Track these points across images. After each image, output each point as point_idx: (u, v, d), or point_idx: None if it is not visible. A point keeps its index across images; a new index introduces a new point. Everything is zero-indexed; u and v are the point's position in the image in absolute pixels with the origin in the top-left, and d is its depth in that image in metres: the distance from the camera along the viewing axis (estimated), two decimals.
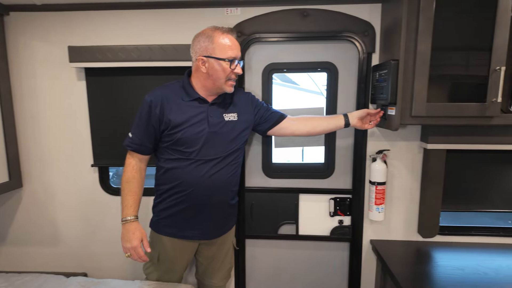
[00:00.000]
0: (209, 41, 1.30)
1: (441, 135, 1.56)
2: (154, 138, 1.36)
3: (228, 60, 1.30)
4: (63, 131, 1.78)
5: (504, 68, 1.27)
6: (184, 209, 1.40)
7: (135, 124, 1.37)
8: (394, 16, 1.42)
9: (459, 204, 1.69)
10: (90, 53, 1.62)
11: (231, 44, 1.32)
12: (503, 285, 1.31)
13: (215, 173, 1.38)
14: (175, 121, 1.32)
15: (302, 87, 6.16)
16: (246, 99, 1.51)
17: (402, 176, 1.69)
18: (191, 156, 1.35)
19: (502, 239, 1.69)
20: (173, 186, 1.39)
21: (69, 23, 1.67)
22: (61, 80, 1.73)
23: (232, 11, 1.63)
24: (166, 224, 1.44)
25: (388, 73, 1.39)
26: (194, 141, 1.34)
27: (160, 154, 1.41)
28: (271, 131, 1.54)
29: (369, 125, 1.50)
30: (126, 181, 1.37)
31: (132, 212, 1.36)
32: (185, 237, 1.45)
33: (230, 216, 1.54)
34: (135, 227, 1.35)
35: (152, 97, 1.33)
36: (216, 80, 1.33)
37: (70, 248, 1.89)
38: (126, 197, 1.37)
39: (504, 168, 1.65)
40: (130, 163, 1.39)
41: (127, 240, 1.35)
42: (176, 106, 1.34)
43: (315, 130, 1.53)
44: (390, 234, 1.75)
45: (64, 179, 1.82)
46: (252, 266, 1.86)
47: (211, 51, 1.30)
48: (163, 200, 1.43)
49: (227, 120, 1.41)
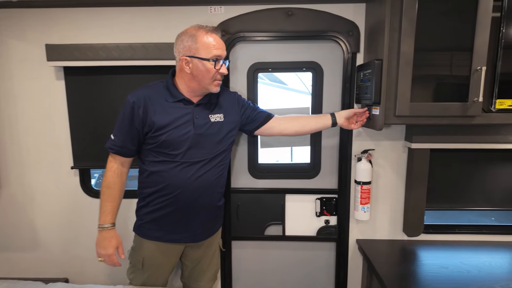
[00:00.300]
0: (193, 41, 1.26)
1: (425, 134, 1.57)
2: (137, 140, 1.33)
3: (212, 60, 1.27)
4: (42, 132, 1.72)
5: (485, 68, 1.28)
6: (170, 212, 1.37)
7: (117, 125, 1.32)
8: (377, 16, 1.42)
9: (442, 202, 1.71)
10: (69, 51, 1.57)
11: (216, 44, 1.28)
12: (485, 283, 1.33)
13: (202, 175, 1.35)
14: (159, 123, 1.28)
15: (290, 86, 6.18)
16: (233, 99, 1.48)
17: (387, 175, 1.70)
18: (177, 159, 1.32)
19: (484, 236, 1.71)
20: (158, 189, 1.35)
21: (47, 21, 1.61)
22: (39, 80, 1.67)
23: (216, 9, 1.61)
24: (150, 228, 1.40)
25: (372, 73, 1.38)
26: (180, 144, 1.31)
27: (143, 157, 1.37)
28: (258, 131, 1.52)
29: (355, 125, 1.50)
30: (107, 187, 1.33)
31: (110, 219, 1.33)
32: (171, 241, 1.42)
33: (217, 218, 1.52)
34: (111, 235, 1.33)
35: (135, 98, 1.29)
36: (201, 80, 1.29)
37: (51, 253, 1.83)
38: (105, 203, 1.33)
39: (486, 167, 1.68)
40: (111, 167, 1.35)
41: (102, 247, 1.33)
42: (160, 107, 1.30)
43: (303, 129, 1.52)
44: (375, 233, 1.76)
45: (44, 181, 1.76)
46: (238, 268, 1.84)
47: (195, 51, 1.26)
48: (148, 203, 1.39)
49: (213, 121, 1.38)
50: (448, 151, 1.63)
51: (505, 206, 1.69)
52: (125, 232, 1.48)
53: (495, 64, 1.34)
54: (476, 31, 1.29)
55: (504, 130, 1.56)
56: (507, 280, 1.34)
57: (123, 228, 1.51)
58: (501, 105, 1.36)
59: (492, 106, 1.37)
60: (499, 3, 1.30)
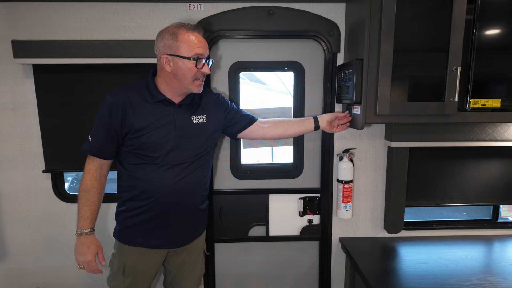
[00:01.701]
0: (173, 39, 1.22)
1: (404, 133, 1.60)
2: (116, 142, 1.27)
3: (194, 59, 1.23)
4: (8, 134, 1.61)
5: (460, 68, 1.32)
6: (151, 217, 1.32)
7: (95, 126, 1.27)
8: (357, 17, 1.43)
9: (421, 199, 1.75)
10: (38, 48, 1.47)
11: (197, 42, 1.24)
12: (463, 276, 1.38)
13: (183, 178, 1.31)
14: (138, 125, 1.24)
15: (270, 86, 6.19)
16: (216, 100, 1.45)
17: (367, 174, 1.73)
18: (157, 161, 1.27)
19: (460, 231, 1.78)
20: (138, 193, 1.30)
21: (12, 15, 1.51)
22: (5, 78, 1.56)
23: (195, 6, 1.57)
24: (132, 233, 1.35)
25: (353, 73, 1.40)
26: (160, 146, 1.26)
27: (122, 159, 1.32)
28: (241, 134, 1.49)
29: (337, 128, 1.51)
30: (84, 190, 1.27)
31: (88, 225, 1.28)
32: (153, 246, 1.37)
33: (200, 222, 1.48)
34: (90, 241, 1.28)
35: (114, 98, 1.23)
36: (182, 80, 1.25)
37: (21, 262, 1.72)
38: (83, 208, 1.27)
39: (461, 164, 1.74)
40: (89, 169, 1.28)
41: (81, 254, 1.28)
42: (139, 108, 1.25)
43: (285, 133, 1.51)
44: (357, 231, 1.78)
45: (13, 186, 1.65)
46: (222, 270, 1.80)
47: (176, 49, 1.22)
48: (127, 208, 1.33)
49: (196, 122, 1.34)
50: (426, 149, 1.68)
51: (479, 201, 1.76)
52: (105, 238, 1.41)
53: (469, 65, 1.39)
54: (451, 33, 1.33)
55: (477, 128, 1.62)
56: (483, 273, 1.40)
57: (102, 234, 1.44)
58: (475, 104, 1.40)
59: (466, 105, 1.41)
60: (472, 6, 1.35)
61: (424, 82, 1.39)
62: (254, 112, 1.68)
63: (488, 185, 1.75)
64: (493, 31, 1.35)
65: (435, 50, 1.36)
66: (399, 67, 1.36)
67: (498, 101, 1.40)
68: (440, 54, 1.35)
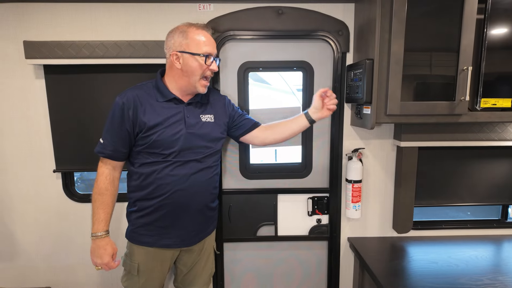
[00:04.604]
0: (183, 37, 1.26)
1: (413, 133, 1.60)
2: (129, 143, 1.29)
3: (203, 56, 1.26)
4: (19, 134, 1.62)
5: (471, 68, 1.32)
6: (163, 215, 1.33)
7: (107, 129, 1.28)
8: (367, 17, 1.43)
9: (430, 199, 1.75)
10: (49, 49, 1.48)
11: (206, 40, 1.28)
12: (474, 276, 1.37)
13: (194, 175, 1.32)
14: (150, 123, 1.25)
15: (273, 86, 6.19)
16: (222, 102, 1.47)
17: (376, 173, 1.73)
18: (168, 158, 1.29)
19: (469, 231, 1.78)
20: (149, 192, 1.31)
21: (24, 16, 1.52)
22: (16, 79, 1.57)
23: (205, 6, 1.57)
24: (144, 233, 1.35)
25: (363, 73, 1.40)
26: (172, 143, 1.28)
27: (133, 159, 1.33)
28: (243, 138, 1.50)
29: (330, 108, 1.40)
30: (99, 193, 1.29)
31: (103, 227, 1.29)
32: (166, 246, 1.37)
33: (210, 220, 1.48)
34: (106, 243, 1.30)
35: (124, 99, 1.25)
36: (191, 76, 1.27)
37: (31, 261, 1.73)
38: (97, 211, 1.29)
39: (470, 163, 1.73)
40: (103, 172, 1.30)
41: (97, 256, 1.29)
42: (150, 107, 1.27)
43: (283, 135, 1.48)
44: (366, 231, 1.78)
45: (23, 186, 1.66)
46: (231, 269, 1.81)
47: (185, 47, 1.25)
48: (139, 208, 1.34)
49: (204, 121, 1.36)
50: (435, 149, 1.68)
51: (488, 201, 1.76)
52: (118, 238, 1.42)
53: (480, 64, 1.39)
54: (462, 33, 1.32)
55: (487, 128, 1.62)
56: (494, 272, 1.40)
57: (116, 234, 1.45)
58: (485, 104, 1.41)
59: (477, 105, 1.41)
60: (483, 6, 1.35)
61: (435, 81, 1.39)
62: (262, 112, 1.70)
63: (497, 185, 1.75)
64: (503, 30, 1.35)
65: (446, 50, 1.36)
66: (410, 67, 1.36)
67: (508, 101, 1.40)
68: (451, 53, 1.35)
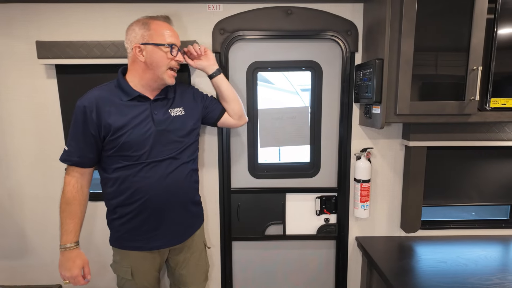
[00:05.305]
0: (145, 28, 1.23)
1: (422, 132, 1.61)
2: (96, 147, 1.24)
3: (168, 46, 1.23)
4: (31, 132, 1.64)
5: (481, 68, 1.32)
6: (146, 218, 1.29)
7: (71, 135, 1.23)
8: (377, 17, 1.43)
9: (438, 199, 1.75)
10: (61, 49, 1.50)
11: (169, 31, 1.25)
12: (483, 276, 1.38)
13: (172, 173, 1.29)
14: (116, 125, 1.21)
15: (277, 86, 6.19)
16: (190, 92, 1.46)
17: (384, 173, 1.73)
18: (141, 160, 1.25)
19: (477, 231, 1.78)
20: (127, 196, 1.27)
21: (36, 16, 1.54)
22: (28, 78, 1.59)
23: (215, 7, 1.58)
24: (130, 238, 1.32)
25: (373, 72, 1.40)
26: (142, 143, 1.24)
27: (105, 165, 1.28)
28: (220, 122, 1.50)
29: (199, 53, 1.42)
30: (66, 203, 1.24)
31: (72, 239, 1.24)
32: (155, 248, 1.35)
33: (196, 215, 1.46)
34: (75, 255, 1.25)
35: (86, 102, 1.20)
36: (156, 69, 1.24)
37: (41, 259, 1.75)
38: (66, 221, 1.23)
39: (479, 163, 1.74)
40: (69, 181, 1.25)
41: (66, 269, 1.24)
42: (114, 108, 1.23)
43: (228, 99, 1.48)
44: (374, 230, 1.78)
45: (33, 184, 1.68)
46: (239, 268, 1.82)
47: (148, 38, 1.22)
48: (120, 215, 1.30)
49: (174, 115, 1.33)
50: (444, 149, 1.68)
51: (496, 201, 1.76)
52: None
53: (489, 64, 1.39)
54: (472, 32, 1.33)
55: (496, 128, 1.62)
56: (503, 272, 1.40)
57: None
58: (495, 104, 1.41)
59: (486, 105, 1.41)
60: (493, 6, 1.35)
61: (444, 81, 1.39)
62: (269, 112, 1.70)
63: (506, 185, 1.74)
64: None
65: (456, 50, 1.36)
66: (419, 67, 1.36)
67: None
68: (461, 53, 1.35)
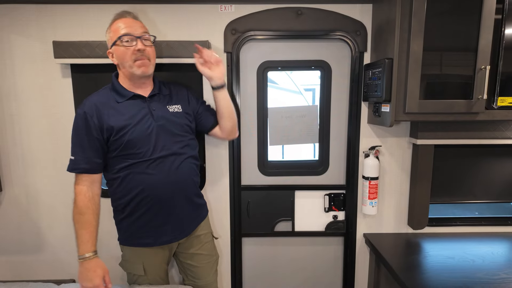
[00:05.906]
0: (108, 32, 1.30)
1: (430, 131, 1.63)
2: (101, 151, 1.27)
3: (119, 38, 1.25)
4: (46, 130, 1.68)
5: (489, 67, 1.35)
6: (155, 214, 1.32)
7: (75, 143, 1.25)
8: (386, 17, 1.46)
9: (445, 196, 1.78)
10: (77, 48, 1.53)
11: (122, 25, 1.26)
12: (490, 271, 1.40)
13: (178, 168, 1.32)
14: (117, 125, 1.24)
15: (281, 86, 6.22)
16: (185, 94, 1.48)
17: (392, 171, 1.76)
18: (147, 156, 1.27)
19: (484, 228, 1.80)
20: (135, 194, 1.29)
21: (52, 17, 1.58)
22: (44, 77, 1.63)
23: (227, 7, 1.61)
24: (140, 236, 1.35)
25: (382, 72, 1.43)
26: (145, 139, 1.27)
27: (110, 166, 1.30)
28: (211, 133, 1.53)
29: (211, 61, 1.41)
30: (79, 213, 1.24)
31: (90, 248, 1.23)
32: (165, 242, 1.38)
33: (201, 206, 1.49)
34: (95, 264, 1.24)
35: (86, 108, 1.25)
36: (125, 65, 1.27)
37: (57, 254, 1.79)
38: (81, 231, 1.23)
39: (486, 161, 1.76)
40: (80, 190, 1.26)
41: (87, 280, 1.22)
42: (113, 110, 1.27)
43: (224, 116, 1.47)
44: (382, 227, 1.81)
45: (49, 181, 1.72)
46: (249, 264, 1.86)
47: (110, 40, 1.28)
48: (128, 214, 1.32)
49: (172, 111, 1.37)
50: (451, 147, 1.71)
51: (503, 198, 1.78)
52: None
53: (497, 64, 1.41)
54: (480, 32, 1.35)
55: (503, 126, 1.64)
56: (510, 267, 1.42)
57: None
58: (502, 102, 1.43)
59: (494, 104, 1.44)
60: (501, 6, 1.37)
61: (452, 80, 1.42)
62: (279, 111, 1.73)
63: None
64: None
65: (464, 49, 1.39)
66: (428, 66, 1.39)
67: None
68: (469, 53, 1.38)
